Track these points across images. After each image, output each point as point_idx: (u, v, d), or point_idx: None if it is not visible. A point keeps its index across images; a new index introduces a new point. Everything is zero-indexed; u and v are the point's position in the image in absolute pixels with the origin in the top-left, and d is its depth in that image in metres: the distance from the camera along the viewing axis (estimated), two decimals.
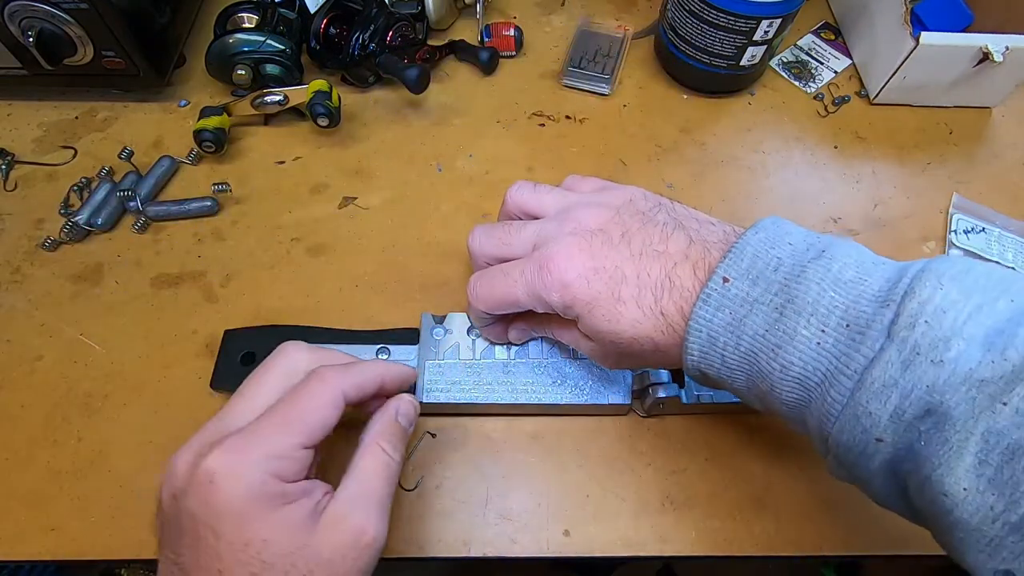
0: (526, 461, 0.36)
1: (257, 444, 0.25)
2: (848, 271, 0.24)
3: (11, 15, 0.41)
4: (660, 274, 0.28)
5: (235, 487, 0.24)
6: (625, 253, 0.29)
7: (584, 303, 0.29)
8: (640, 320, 0.28)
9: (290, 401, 0.27)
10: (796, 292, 0.24)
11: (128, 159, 0.46)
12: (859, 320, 0.23)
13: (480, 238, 0.34)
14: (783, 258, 0.26)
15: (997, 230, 0.46)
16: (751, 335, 0.25)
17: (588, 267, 0.29)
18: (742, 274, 0.26)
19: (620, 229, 0.30)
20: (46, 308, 0.41)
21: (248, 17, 0.50)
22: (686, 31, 0.49)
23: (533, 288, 0.30)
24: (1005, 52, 0.46)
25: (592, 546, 0.34)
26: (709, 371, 0.27)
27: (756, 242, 0.26)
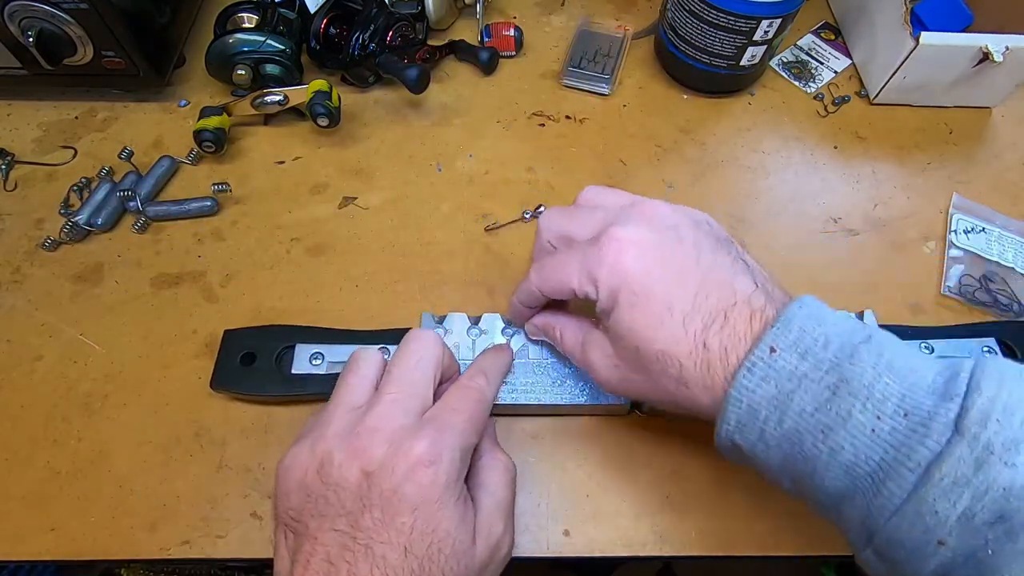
0: (526, 461, 0.36)
1: (454, 436, 0.27)
2: (899, 359, 0.23)
3: (11, 15, 0.41)
4: (718, 304, 0.26)
5: (439, 474, 0.26)
6: (692, 264, 0.27)
7: (631, 293, 0.27)
8: (680, 339, 0.26)
9: (468, 399, 0.29)
10: (850, 373, 0.23)
11: (128, 159, 0.46)
12: (919, 410, 0.22)
13: (550, 214, 0.32)
14: (830, 336, 0.24)
15: (997, 230, 0.46)
16: (797, 412, 0.24)
17: (651, 257, 0.27)
18: (790, 346, 0.24)
19: (694, 237, 0.28)
20: (46, 308, 0.41)
21: (248, 17, 0.50)
22: (686, 31, 0.49)
23: (586, 263, 0.28)
24: (1005, 52, 0.46)
25: (592, 546, 0.34)
26: (743, 444, 0.25)
27: (802, 316, 0.25)
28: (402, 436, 0.26)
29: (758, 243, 0.45)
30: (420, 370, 0.30)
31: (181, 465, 0.35)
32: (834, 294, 0.43)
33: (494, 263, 0.44)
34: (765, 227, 0.46)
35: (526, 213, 0.46)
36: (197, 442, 0.36)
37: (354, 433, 0.27)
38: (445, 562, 0.25)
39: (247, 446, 0.36)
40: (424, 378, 0.29)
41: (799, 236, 0.46)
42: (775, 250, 0.45)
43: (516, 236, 0.45)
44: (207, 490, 0.35)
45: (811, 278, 0.44)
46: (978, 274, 0.44)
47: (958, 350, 0.38)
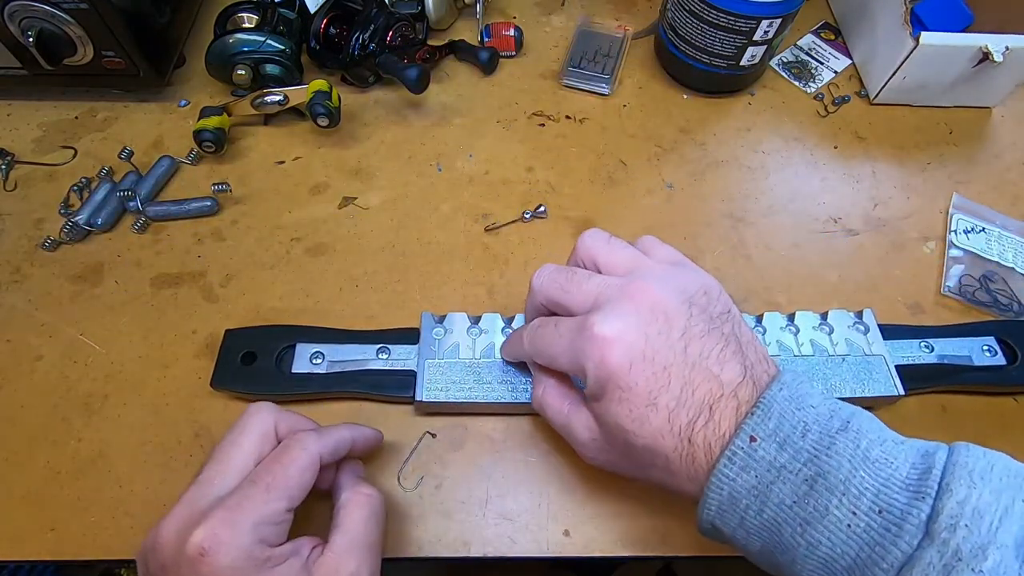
0: (526, 461, 0.36)
1: (245, 513, 0.26)
2: (874, 449, 0.24)
3: (11, 15, 0.41)
4: (704, 399, 0.26)
5: (225, 559, 0.25)
6: (679, 357, 0.27)
7: (615, 388, 0.27)
8: (664, 434, 0.26)
9: (272, 467, 0.27)
10: (827, 466, 0.23)
11: (128, 159, 0.46)
12: (892, 508, 0.22)
13: (544, 277, 0.32)
14: (808, 423, 0.25)
15: (997, 230, 0.46)
16: (776, 503, 0.24)
17: (636, 353, 0.27)
18: (769, 435, 0.24)
19: (683, 324, 0.27)
20: (46, 308, 0.41)
21: (248, 17, 0.50)
22: (686, 31, 0.49)
23: (574, 350, 0.28)
24: (1005, 52, 0.46)
25: (592, 546, 0.34)
26: (724, 528, 0.26)
27: (781, 400, 0.25)
28: (188, 524, 0.26)
29: (758, 243, 0.45)
30: (236, 444, 0.28)
31: (181, 465, 0.35)
32: (834, 294, 0.43)
33: (494, 263, 0.44)
34: (765, 227, 0.46)
35: (526, 213, 0.46)
36: (197, 442, 0.36)
37: (165, 517, 0.27)
38: None
39: None
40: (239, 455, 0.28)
41: (799, 236, 0.46)
42: (775, 250, 0.45)
43: (516, 236, 0.45)
44: None
45: (811, 278, 0.44)
46: (978, 274, 0.44)
47: (958, 349, 0.38)
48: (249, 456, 0.28)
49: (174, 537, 0.25)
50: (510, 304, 0.42)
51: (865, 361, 0.37)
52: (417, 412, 0.37)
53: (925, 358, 0.38)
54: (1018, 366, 0.38)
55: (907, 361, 0.38)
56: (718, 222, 0.46)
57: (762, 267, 0.44)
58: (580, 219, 0.46)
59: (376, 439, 0.33)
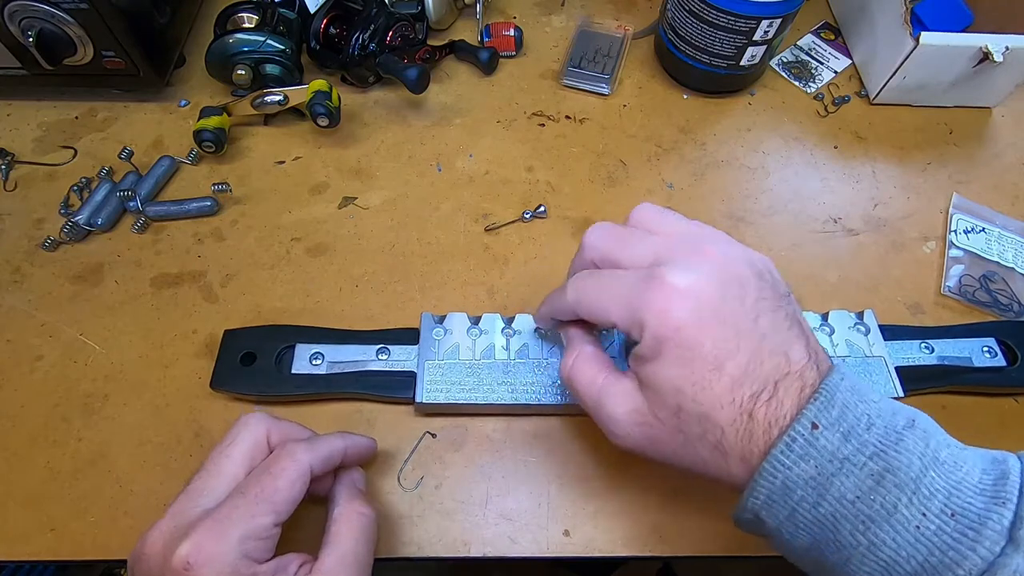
0: (526, 461, 0.36)
1: (231, 526, 0.25)
2: (943, 451, 0.23)
3: (11, 15, 0.41)
4: (771, 374, 0.24)
5: (210, 573, 0.24)
6: (750, 325, 0.24)
7: (680, 347, 0.24)
8: (724, 404, 0.24)
9: (260, 479, 0.27)
10: (896, 462, 0.22)
11: (128, 159, 0.46)
12: (967, 512, 0.21)
13: (598, 231, 0.29)
14: (872, 416, 0.23)
15: (997, 230, 0.46)
16: (836, 497, 0.22)
17: (708, 310, 0.24)
18: (832, 423, 0.23)
19: (755, 295, 0.25)
20: (46, 308, 0.41)
21: (248, 17, 0.50)
22: (686, 31, 0.49)
23: (633, 299, 0.25)
24: (1005, 52, 0.46)
25: (592, 546, 0.34)
26: (768, 520, 0.24)
27: (844, 389, 0.24)
28: (175, 536, 0.25)
29: (758, 243, 0.45)
30: (226, 455, 0.28)
31: (181, 465, 0.35)
32: (834, 294, 0.43)
33: (494, 263, 0.44)
34: (765, 227, 0.46)
35: (526, 213, 0.46)
36: (197, 442, 0.36)
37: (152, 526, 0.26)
38: None
39: None
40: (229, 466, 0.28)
41: (799, 236, 0.46)
42: (775, 250, 0.45)
43: (516, 236, 0.45)
44: None
45: (811, 278, 0.44)
46: (978, 274, 0.44)
47: (958, 350, 0.38)
48: (239, 467, 0.28)
49: (160, 548, 0.25)
50: (510, 304, 0.42)
51: (865, 362, 0.37)
52: (417, 413, 0.37)
53: (925, 359, 0.38)
54: (1018, 367, 0.38)
55: (907, 362, 0.38)
56: (718, 222, 0.46)
57: None
58: (580, 219, 0.46)
59: (369, 448, 0.33)
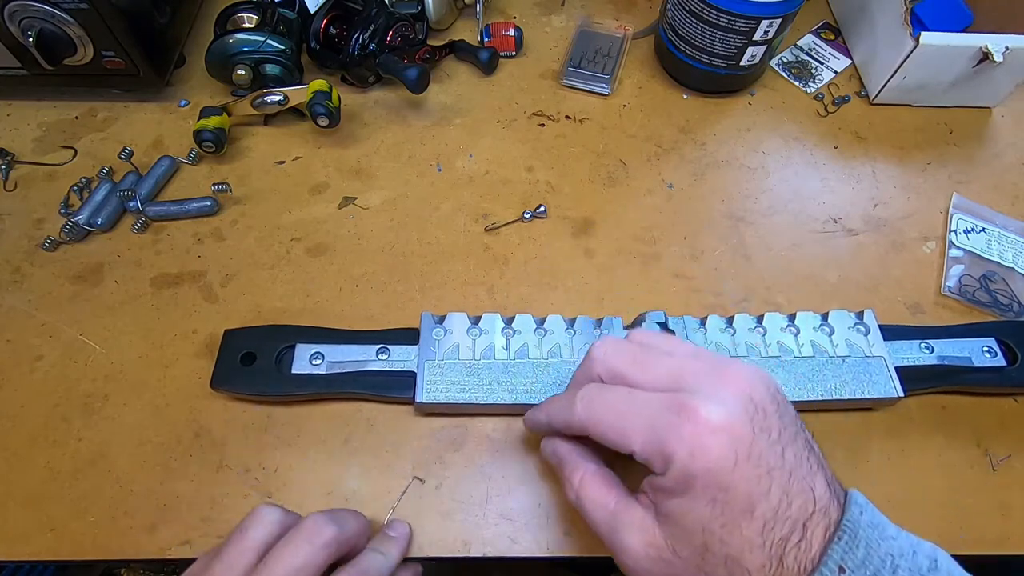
0: (526, 461, 0.36)
1: None
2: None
3: (11, 15, 0.41)
4: (799, 515, 0.23)
5: None
6: (779, 461, 0.23)
7: (711, 486, 0.23)
8: (754, 548, 0.22)
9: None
10: None
11: (128, 159, 0.46)
12: None
13: (610, 347, 0.28)
14: (895, 556, 0.22)
15: (997, 230, 0.46)
16: None
17: (743, 449, 0.23)
18: (858, 566, 0.21)
19: (777, 424, 0.24)
20: (46, 308, 0.41)
21: (248, 17, 0.50)
22: (686, 31, 0.49)
23: (660, 430, 0.24)
24: (1005, 52, 0.46)
25: (592, 546, 0.34)
26: None
27: (865, 525, 0.22)
28: None
29: (758, 243, 0.45)
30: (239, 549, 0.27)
31: (181, 465, 0.35)
32: (834, 294, 0.43)
33: (494, 263, 0.44)
34: (765, 227, 0.46)
35: (526, 213, 0.46)
36: (197, 442, 0.36)
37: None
38: None
39: (247, 446, 0.36)
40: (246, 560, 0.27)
41: (799, 236, 0.46)
42: (775, 250, 0.45)
43: (516, 236, 0.45)
44: (207, 490, 0.35)
45: (811, 278, 0.44)
46: (978, 274, 0.44)
47: (958, 350, 0.38)
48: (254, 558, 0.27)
49: None
50: (510, 304, 0.42)
51: (865, 362, 0.37)
52: (417, 413, 0.37)
53: (925, 359, 0.38)
54: (1018, 367, 0.38)
55: (907, 362, 0.38)
56: (718, 222, 0.46)
57: (762, 267, 0.44)
58: (580, 219, 0.46)
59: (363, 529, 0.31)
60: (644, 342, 0.28)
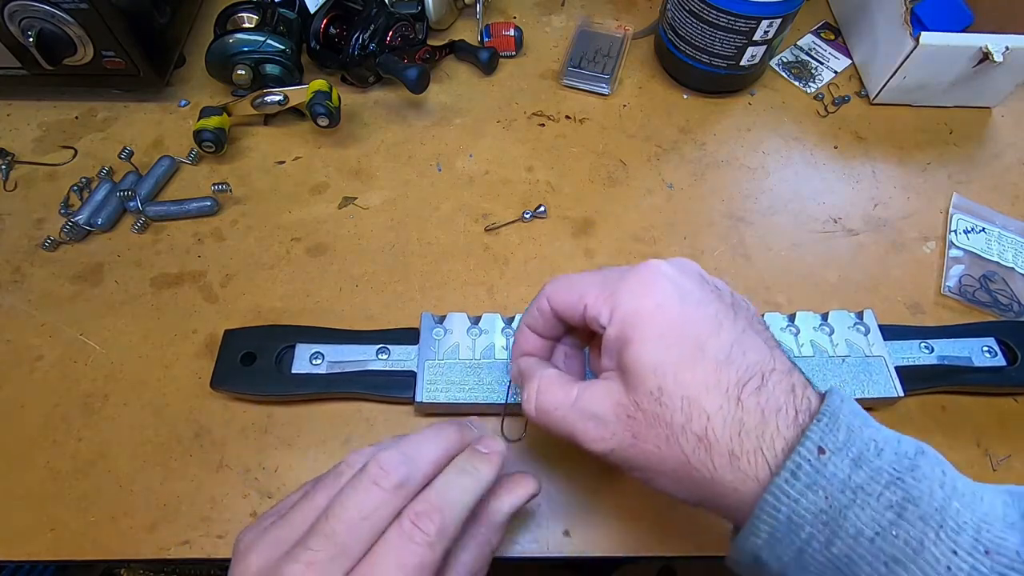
0: (526, 461, 0.36)
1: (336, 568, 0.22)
2: (960, 479, 0.21)
3: (11, 15, 0.41)
4: (755, 363, 0.23)
5: None
6: (729, 316, 0.24)
7: (657, 321, 0.23)
8: (710, 387, 0.22)
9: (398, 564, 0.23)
10: (915, 491, 0.20)
11: (128, 159, 0.46)
12: (1003, 550, 0.19)
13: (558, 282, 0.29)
14: (879, 441, 0.21)
15: (997, 230, 0.46)
16: (852, 534, 0.20)
17: (688, 292, 0.24)
18: (840, 447, 0.21)
19: (731, 300, 0.25)
20: (46, 308, 0.41)
21: (248, 17, 0.50)
22: (686, 31, 0.49)
23: (609, 282, 0.25)
24: (1005, 52, 0.46)
25: (592, 546, 0.34)
26: (771, 563, 0.21)
27: (847, 411, 0.22)
28: (281, 560, 0.22)
29: (758, 243, 0.45)
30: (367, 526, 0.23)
31: (181, 465, 0.35)
32: (834, 294, 0.43)
33: (494, 263, 0.44)
34: (765, 227, 0.46)
35: (526, 213, 0.46)
36: (197, 442, 0.36)
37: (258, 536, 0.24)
38: None
39: (247, 446, 0.36)
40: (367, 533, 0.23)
41: (799, 236, 0.46)
42: (775, 250, 0.45)
43: (516, 236, 0.45)
44: (207, 490, 0.35)
45: (811, 278, 0.44)
46: (978, 274, 0.44)
47: (958, 350, 0.38)
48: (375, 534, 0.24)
49: (264, 566, 0.23)
50: (510, 304, 0.42)
51: (865, 362, 0.37)
52: (417, 412, 0.37)
53: (925, 359, 0.38)
54: (1018, 367, 0.38)
55: (907, 362, 0.38)
56: (718, 222, 0.46)
57: (762, 267, 0.44)
58: (580, 219, 0.46)
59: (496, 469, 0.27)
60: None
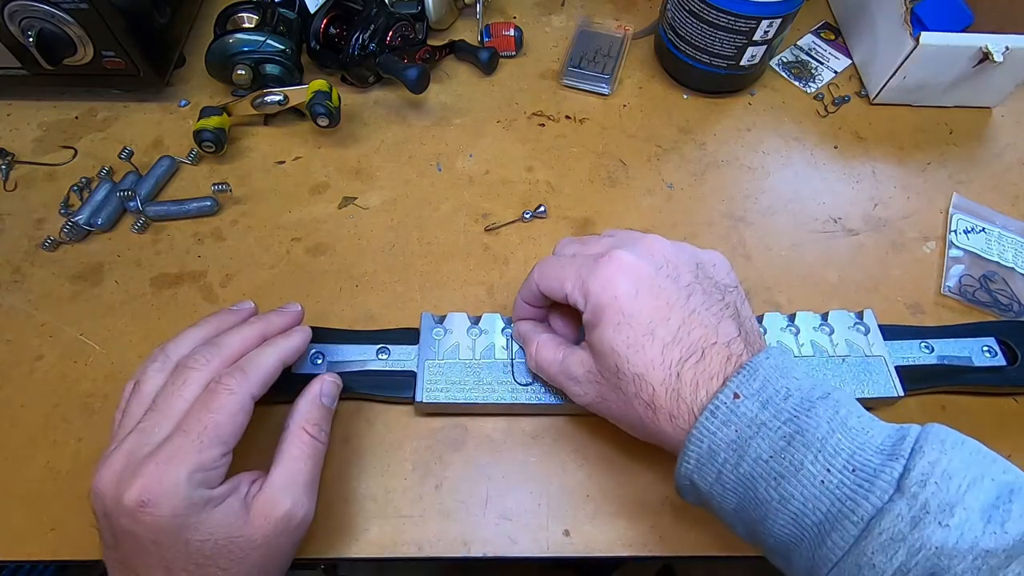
0: (526, 461, 0.36)
1: (179, 464, 0.26)
2: (852, 418, 0.25)
3: (11, 15, 0.41)
4: (698, 341, 0.27)
5: (164, 509, 0.26)
6: (682, 300, 0.28)
7: (618, 313, 0.28)
8: (656, 365, 0.27)
9: (201, 416, 0.28)
10: (806, 425, 0.24)
11: (128, 159, 0.46)
12: (866, 467, 0.23)
13: (564, 240, 0.35)
14: (791, 389, 0.26)
15: (997, 230, 0.46)
16: (753, 458, 0.25)
17: (645, 283, 0.28)
18: (753, 394, 0.25)
19: (689, 279, 0.29)
20: (46, 308, 0.41)
21: (248, 17, 0.50)
22: (686, 31, 0.49)
23: (582, 273, 0.30)
24: (1005, 52, 0.46)
25: (592, 546, 0.34)
26: (701, 484, 0.26)
27: (768, 366, 0.26)
28: (126, 475, 0.26)
29: (758, 243, 0.45)
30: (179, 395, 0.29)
31: None
32: (834, 294, 0.43)
33: (494, 263, 0.44)
34: (765, 227, 0.46)
35: (526, 213, 0.46)
36: None
37: (104, 463, 0.27)
38: (215, 557, 0.27)
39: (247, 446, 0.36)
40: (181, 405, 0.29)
41: (799, 236, 0.46)
42: (775, 250, 0.45)
43: (516, 236, 0.45)
44: None
45: (811, 278, 0.44)
46: (978, 274, 0.44)
47: (958, 350, 0.38)
48: (186, 403, 0.29)
49: (112, 488, 0.26)
50: (510, 304, 0.42)
51: (865, 362, 0.37)
52: (417, 412, 0.37)
53: (925, 359, 0.38)
54: (1018, 367, 0.38)
55: (907, 362, 0.38)
56: (718, 222, 0.46)
57: (762, 267, 0.44)
58: (580, 219, 0.46)
59: (302, 341, 0.33)
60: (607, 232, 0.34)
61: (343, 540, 0.34)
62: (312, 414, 0.32)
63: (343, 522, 0.34)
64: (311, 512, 0.30)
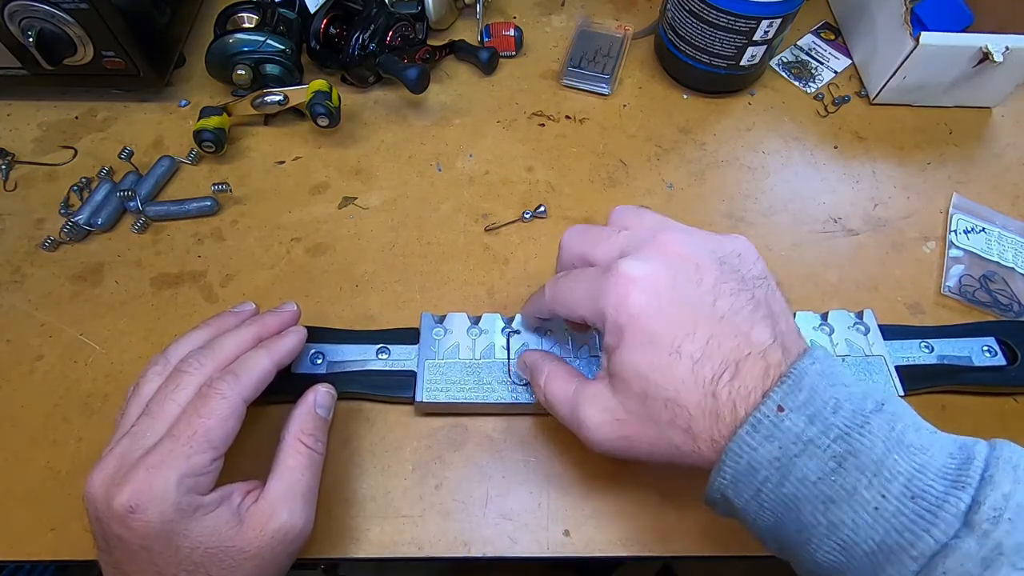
0: (526, 461, 0.36)
1: (169, 469, 0.26)
2: (909, 434, 0.23)
3: (11, 15, 0.41)
4: (731, 354, 0.24)
5: (152, 515, 0.26)
6: (707, 308, 0.25)
7: (637, 332, 0.25)
8: (688, 386, 0.24)
9: (191, 420, 0.28)
10: (859, 445, 0.22)
11: (128, 159, 0.46)
12: (926, 495, 0.21)
13: (572, 233, 0.31)
14: (841, 400, 0.23)
15: (997, 230, 0.46)
16: (799, 478, 0.22)
17: (663, 296, 0.25)
18: (798, 407, 0.23)
19: (713, 279, 0.26)
20: (46, 308, 0.41)
21: (248, 17, 0.50)
22: (686, 31, 0.49)
23: (595, 292, 0.27)
24: (1005, 52, 0.46)
25: (592, 546, 0.34)
26: (735, 500, 0.24)
27: (813, 373, 0.24)
28: (116, 479, 0.26)
29: (758, 243, 0.45)
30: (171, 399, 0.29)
31: None
32: (834, 294, 0.43)
33: (494, 263, 0.44)
34: (765, 227, 0.46)
35: (526, 213, 0.46)
36: None
37: (97, 467, 0.27)
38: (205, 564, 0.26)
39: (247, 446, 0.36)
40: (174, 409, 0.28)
41: (799, 236, 0.46)
42: (775, 250, 0.45)
43: (516, 236, 0.45)
44: None
45: (811, 278, 0.44)
46: (978, 274, 0.44)
47: (958, 350, 0.38)
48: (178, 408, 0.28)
49: (102, 492, 0.26)
50: (510, 304, 0.42)
51: (865, 362, 0.37)
52: (417, 412, 0.37)
53: (925, 358, 0.38)
54: (1018, 366, 0.38)
55: (907, 361, 0.38)
56: (718, 222, 0.46)
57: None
58: (580, 219, 0.46)
59: (297, 344, 0.33)
60: (615, 219, 0.31)
61: (343, 540, 0.34)
62: (308, 424, 0.31)
63: (343, 522, 0.34)
64: (309, 524, 0.29)
